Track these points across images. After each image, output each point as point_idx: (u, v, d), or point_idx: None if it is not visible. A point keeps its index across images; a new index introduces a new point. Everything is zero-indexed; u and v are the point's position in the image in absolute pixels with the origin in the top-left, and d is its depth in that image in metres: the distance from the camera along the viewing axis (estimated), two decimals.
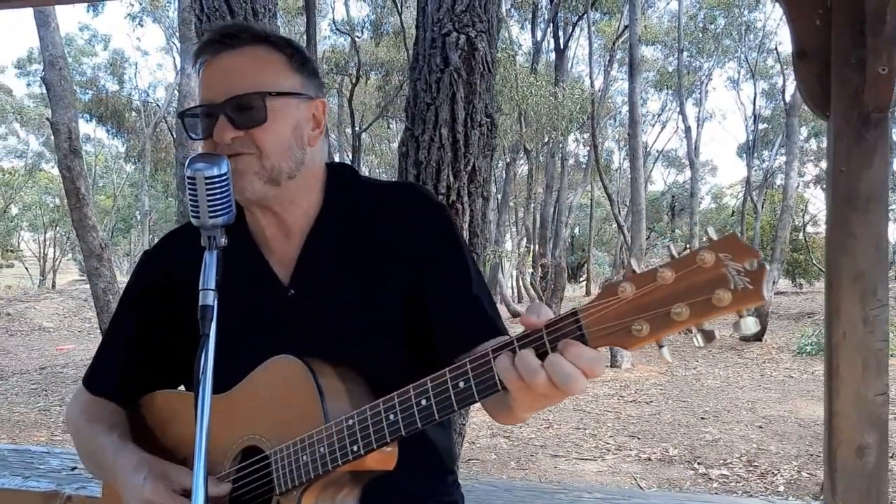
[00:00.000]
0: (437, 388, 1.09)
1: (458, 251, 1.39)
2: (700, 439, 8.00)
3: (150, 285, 1.49)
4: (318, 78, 1.42)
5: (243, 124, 1.27)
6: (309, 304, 1.36)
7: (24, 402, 9.73)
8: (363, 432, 1.15)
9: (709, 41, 24.46)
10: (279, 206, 1.36)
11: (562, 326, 1.00)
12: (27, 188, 37.58)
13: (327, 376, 1.24)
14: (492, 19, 3.96)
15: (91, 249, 12.19)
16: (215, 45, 1.33)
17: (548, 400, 1.04)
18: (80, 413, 1.49)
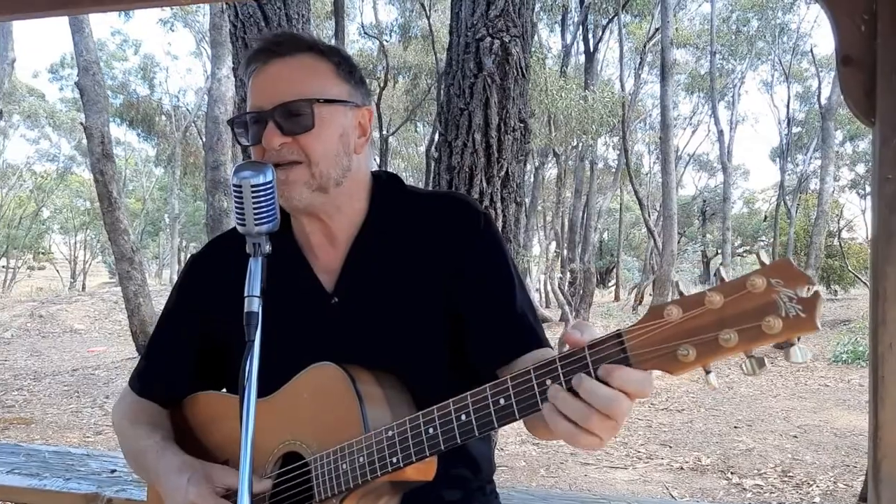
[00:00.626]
0: (478, 405, 1.08)
1: (503, 262, 1.39)
2: (733, 448, 7.87)
3: (196, 291, 1.51)
4: (365, 86, 1.43)
5: (291, 131, 1.28)
6: (352, 312, 1.36)
7: (57, 404, 9.85)
8: (402, 444, 1.15)
9: (742, 43, 24.20)
10: (325, 213, 1.36)
11: (605, 347, 0.98)
12: (59, 191, 38.27)
13: (367, 383, 1.24)
14: (526, 24, 3.93)
15: (122, 253, 12.37)
16: (265, 53, 1.34)
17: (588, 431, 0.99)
18: (125, 414, 1.52)
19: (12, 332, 17.53)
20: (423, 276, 1.36)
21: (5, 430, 8.40)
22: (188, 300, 1.51)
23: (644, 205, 18.60)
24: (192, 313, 1.49)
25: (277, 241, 1.25)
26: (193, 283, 1.52)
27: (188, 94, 31.70)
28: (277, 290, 1.25)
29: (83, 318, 19.48)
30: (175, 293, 1.55)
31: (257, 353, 1.14)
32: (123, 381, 11.07)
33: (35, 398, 10.23)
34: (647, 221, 18.05)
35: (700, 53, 26.82)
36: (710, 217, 36.52)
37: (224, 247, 1.51)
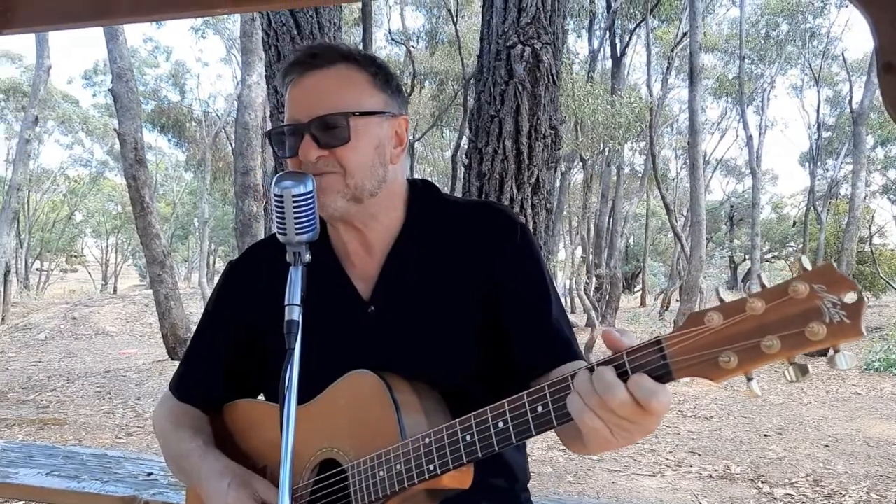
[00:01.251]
0: (515, 412, 1.08)
1: (539, 273, 1.39)
2: (763, 457, 7.78)
3: (235, 297, 1.52)
4: (402, 95, 1.43)
5: (327, 144, 1.30)
6: (388, 321, 1.37)
7: (90, 405, 9.99)
8: (440, 452, 1.15)
9: (771, 48, 23.94)
10: (361, 222, 1.37)
11: (644, 354, 0.98)
12: (91, 195, 38.86)
13: (403, 392, 1.25)
14: (557, 31, 3.94)
15: (154, 256, 12.54)
16: (302, 65, 1.35)
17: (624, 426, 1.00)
18: (167, 418, 1.54)
19: (46, 333, 17.82)
20: (459, 285, 1.36)
21: (40, 430, 8.54)
22: (226, 306, 1.53)
23: (671, 210, 18.45)
24: (230, 320, 1.51)
25: (315, 249, 1.27)
26: (231, 290, 1.54)
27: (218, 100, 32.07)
28: (314, 298, 1.25)
29: (115, 320, 19.75)
30: (213, 299, 1.57)
31: (297, 362, 1.16)
32: (154, 382, 11.22)
33: (68, 399, 10.39)
34: (674, 227, 17.89)
35: (728, 58, 26.59)
36: (738, 222, 36.12)
37: (261, 254, 1.53)
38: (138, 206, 12.26)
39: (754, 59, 24.74)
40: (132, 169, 12.10)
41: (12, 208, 19.61)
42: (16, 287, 24.90)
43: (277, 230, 1.23)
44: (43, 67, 19.06)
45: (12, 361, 14.13)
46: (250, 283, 1.49)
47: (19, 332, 18.01)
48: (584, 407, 1.00)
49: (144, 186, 12.22)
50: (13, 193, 19.34)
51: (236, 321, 1.49)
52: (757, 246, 19.28)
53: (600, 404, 0.98)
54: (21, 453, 2.96)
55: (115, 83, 12.36)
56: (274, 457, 1.36)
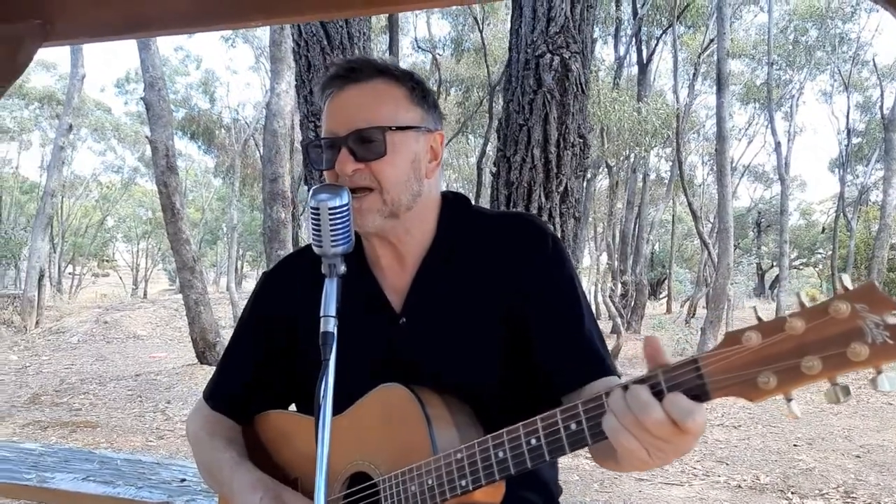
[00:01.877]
0: (548, 429, 1.07)
1: (571, 285, 1.38)
2: (793, 467, 7.68)
3: (269, 307, 1.53)
4: (438, 110, 1.44)
5: (364, 157, 1.30)
6: (419, 333, 1.37)
7: (121, 408, 10.13)
8: (472, 467, 1.14)
9: (800, 53, 23.66)
10: (395, 236, 1.38)
11: (681, 374, 0.97)
12: (123, 201, 39.41)
13: (435, 405, 1.24)
14: (585, 40, 3.95)
15: (184, 262, 12.70)
16: (340, 79, 1.36)
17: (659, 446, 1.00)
18: (200, 427, 1.54)
19: (79, 337, 18.08)
20: (490, 298, 1.36)
21: (73, 432, 8.68)
22: (260, 317, 1.54)
23: (698, 216, 18.27)
24: (264, 330, 1.52)
25: (349, 261, 1.28)
26: (265, 300, 1.55)
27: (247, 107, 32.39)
28: (347, 309, 1.26)
29: (145, 324, 19.99)
30: (248, 309, 1.58)
31: (332, 374, 1.16)
32: (184, 386, 11.35)
33: (100, 402, 10.54)
34: (701, 233, 17.72)
35: (756, 64, 26.31)
36: (766, 229, 35.68)
37: (295, 265, 1.53)
38: (169, 212, 12.43)
39: (782, 65, 24.45)
40: (163, 176, 12.27)
41: (46, 214, 19.97)
42: (49, 291, 25.30)
43: (313, 242, 1.25)
44: (77, 76, 19.42)
45: (46, 364, 14.36)
46: (285, 293, 1.50)
47: (53, 335, 18.30)
48: (619, 426, 1.00)
49: (175, 193, 12.38)
50: (47, 199, 19.71)
51: (270, 332, 1.51)
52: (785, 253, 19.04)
53: (636, 424, 0.98)
54: (57, 458, 3.02)
55: (147, 92, 12.55)
56: (305, 469, 1.38)
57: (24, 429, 8.80)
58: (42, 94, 31.99)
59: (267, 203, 11.60)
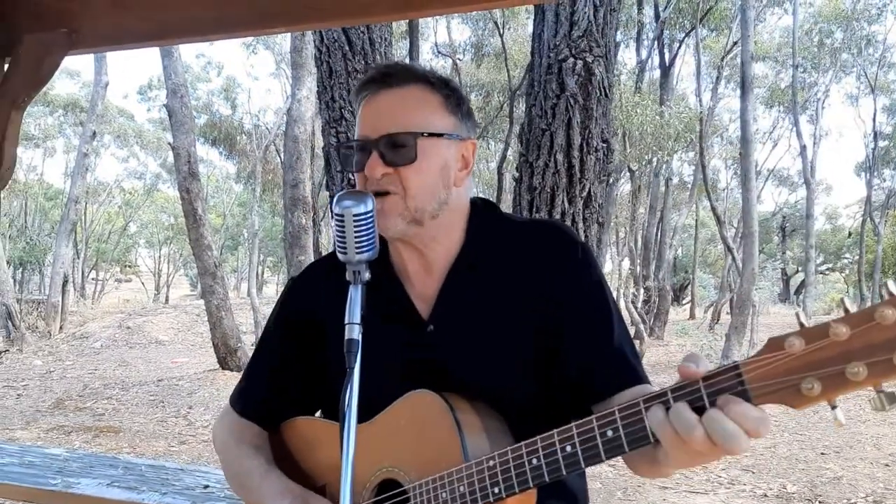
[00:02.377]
0: (584, 436, 1.06)
1: (600, 293, 1.36)
2: (821, 476, 7.56)
3: (295, 314, 1.53)
4: (472, 119, 1.43)
5: (393, 162, 1.30)
6: (447, 341, 1.36)
7: (144, 413, 10.20)
8: (505, 475, 1.13)
9: (825, 56, 23.42)
10: (421, 243, 1.37)
11: (722, 380, 0.95)
12: (145, 207, 39.88)
13: (465, 412, 1.23)
14: (609, 44, 3.92)
15: (206, 267, 12.78)
16: (376, 83, 1.36)
17: (702, 458, 1.00)
18: (228, 433, 1.55)
19: (102, 342, 18.27)
20: (519, 306, 1.34)
21: (96, 437, 8.74)
22: (286, 324, 1.54)
23: (722, 221, 18.10)
24: (290, 337, 1.51)
25: (375, 268, 1.27)
26: (291, 307, 1.54)
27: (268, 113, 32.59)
28: (374, 316, 1.26)
29: (167, 329, 20.16)
30: (274, 316, 1.57)
31: (357, 382, 1.16)
32: (206, 391, 11.41)
33: (123, 407, 10.62)
34: (725, 238, 17.55)
35: (780, 67, 26.08)
36: (790, 233, 35.34)
37: (321, 272, 1.53)
38: (191, 218, 12.52)
39: (807, 68, 24.22)
40: (185, 181, 12.37)
41: (70, 220, 20.22)
42: (73, 296, 25.60)
43: (337, 249, 1.24)
44: (101, 84, 19.66)
45: (70, 369, 14.52)
46: (311, 300, 1.50)
47: (76, 340, 18.51)
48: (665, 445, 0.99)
49: (197, 199, 12.47)
50: (71, 205, 19.96)
51: (297, 338, 1.50)
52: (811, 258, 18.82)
53: (678, 443, 0.97)
54: (82, 463, 3.04)
55: (169, 98, 12.67)
56: (333, 476, 1.37)
57: (49, 433, 8.89)
58: (66, 102, 32.45)
59: (288, 208, 11.64)
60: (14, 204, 32.99)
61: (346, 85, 4.51)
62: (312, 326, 1.47)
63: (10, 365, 14.47)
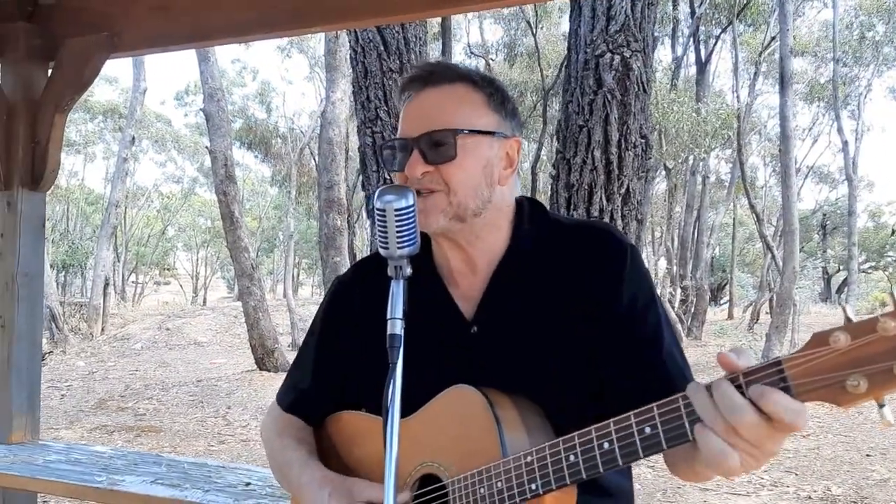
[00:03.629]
0: (621, 433, 1.05)
1: (649, 297, 1.34)
2: (866, 478, 7.38)
3: (341, 312, 1.54)
4: (517, 118, 1.42)
5: (433, 160, 1.30)
6: (491, 342, 1.35)
7: (184, 413, 10.35)
8: (542, 471, 1.12)
9: (866, 49, 22.91)
10: (465, 240, 1.37)
11: (763, 375, 0.92)
12: (183, 211, 40.50)
13: (505, 408, 1.23)
14: (647, 38, 3.87)
15: (243, 269, 12.93)
16: (419, 81, 1.36)
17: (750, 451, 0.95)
18: (272, 428, 1.58)
19: (142, 343, 18.59)
20: (565, 309, 1.33)
21: (138, 437, 8.90)
22: (332, 321, 1.55)
23: (761, 219, 17.80)
24: (336, 334, 1.53)
25: (418, 267, 1.27)
26: (337, 305, 1.55)
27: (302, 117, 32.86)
28: (417, 315, 1.25)
29: (206, 331, 20.43)
30: (320, 313, 1.59)
31: (400, 376, 1.16)
32: (244, 392, 11.54)
33: (164, 407, 10.79)
34: (764, 237, 17.26)
35: (819, 62, 25.59)
36: (831, 231, 34.65)
37: (367, 270, 1.53)
38: (228, 221, 12.67)
39: (848, 62, 23.72)
40: (222, 185, 12.52)
41: (111, 224, 20.61)
42: (114, 299, 26.08)
43: (379, 244, 1.24)
44: (139, 90, 20.02)
45: (111, 370, 14.79)
46: (356, 298, 1.51)
47: (118, 342, 18.85)
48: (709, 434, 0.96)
49: (234, 201, 12.62)
50: (111, 210, 20.34)
51: (342, 336, 1.51)
52: (854, 256, 18.42)
53: (727, 429, 0.94)
54: (127, 461, 3.08)
55: (206, 102, 12.84)
56: (376, 469, 1.35)
57: (92, 433, 9.06)
58: (105, 108, 33.11)
59: (323, 210, 11.73)
60: (57, 209, 33.71)
61: (382, 85, 4.52)
62: (357, 324, 1.47)
63: (54, 366, 14.78)
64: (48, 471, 2.90)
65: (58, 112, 3.39)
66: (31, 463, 3.01)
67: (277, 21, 3.09)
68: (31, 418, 3.44)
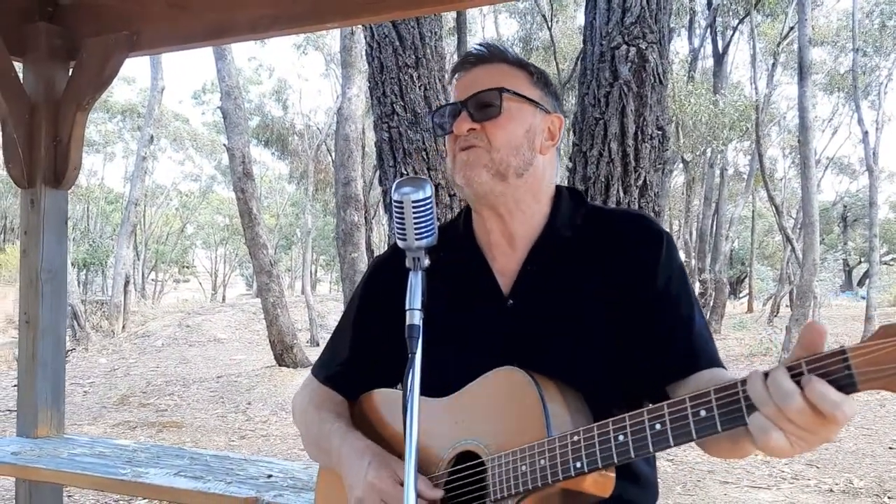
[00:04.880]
0: (675, 415, 1.06)
1: (683, 281, 1.39)
2: (889, 471, 7.32)
3: (379, 290, 1.57)
4: (559, 99, 1.49)
5: (480, 118, 1.36)
6: (526, 316, 1.38)
7: (204, 409, 10.43)
8: (588, 450, 1.13)
9: (887, 38, 22.60)
10: (505, 207, 1.40)
11: (827, 364, 0.93)
12: (201, 209, 40.77)
13: (550, 389, 1.24)
14: (663, 30, 3.85)
15: (262, 266, 12.99)
16: (469, 61, 1.44)
17: (802, 436, 0.97)
18: (308, 400, 1.60)
19: (163, 340, 18.75)
20: (601, 288, 1.37)
21: (160, 432, 8.98)
22: (371, 298, 1.58)
23: (780, 211, 17.64)
24: (374, 312, 1.56)
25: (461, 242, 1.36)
26: (375, 283, 1.59)
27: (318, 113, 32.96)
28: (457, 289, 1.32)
29: (225, 327, 20.57)
30: (359, 290, 1.63)
31: (419, 367, 1.19)
32: (263, 388, 11.61)
33: (185, 403, 10.89)
34: (784, 229, 17.10)
35: (838, 51, 25.29)
36: (852, 223, 34.30)
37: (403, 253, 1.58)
38: (246, 218, 12.73)
39: (868, 51, 23.41)
40: (240, 182, 12.59)
41: (131, 222, 20.78)
42: (134, 297, 26.32)
43: (397, 236, 1.27)
44: (157, 89, 20.15)
45: (133, 367, 14.93)
46: (394, 279, 1.51)
47: (139, 339, 19.02)
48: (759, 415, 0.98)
49: (252, 198, 12.68)
50: (131, 208, 20.51)
51: (380, 314, 1.53)
52: (875, 248, 18.20)
53: (777, 414, 0.95)
54: (150, 454, 3.12)
55: (224, 100, 12.90)
56: None
57: (115, 428, 9.16)
58: (124, 108, 33.36)
59: (340, 207, 11.76)
60: (77, 208, 34.05)
61: (397, 80, 4.53)
62: (391, 304, 1.48)
63: (77, 363, 14.95)
64: (73, 464, 2.94)
65: (79, 111, 3.44)
66: (57, 456, 3.05)
67: (294, 17, 3.11)
68: (56, 413, 3.49)
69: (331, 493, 1.51)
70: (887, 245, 34.08)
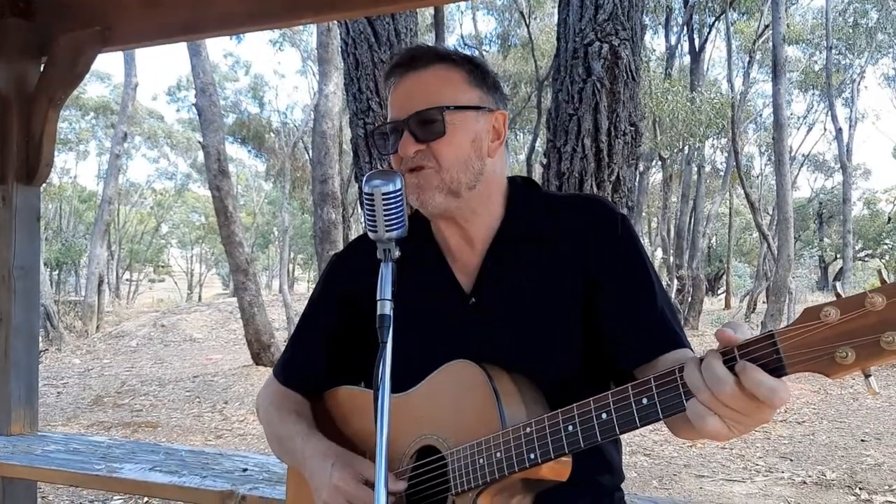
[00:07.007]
0: (619, 403, 1.08)
1: (641, 262, 1.39)
2: (861, 463, 7.44)
3: (338, 287, 1.57)
4: (500, 91, 1.46)
5: (424, 138, 1.35)
6: (489, 313, 1.40)
7: (180, 409, 10.35)
8: (540, 441, 1.16)
9: (860, 36, 22.90)
10: (462, 217, 1.41)
11: (757, 348, 0.96)
12: (176, 207, 40.39)
13: (503, 381, 1.26)
14: (635, 27, 3.89)
15: (238, 264, 12.91)
16: (401, 67, 1.41)
17: (737, 419, 0.99)
18: (269, 401, 1.60)
19: (137, 340, 18.57)
20: (561, 278, 1.37)
21: (135, 432, 8.90)
22: (330, 296, 1.59)
23: (756, 208, 17.83)
24: (334, 309, 1.56)
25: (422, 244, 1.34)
26: (335, 280, 1.59)
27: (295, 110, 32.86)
28: (419, 289, 1.31)
29: (201, 327, 20.41)
30: (318, 289, 1.63)
31: (390, 356, 1.19)
32: (240, 387, 11.54)
33: (160, 403, 10.80)
34: (759, 226, 17.30)
35: (813, 49, 25.58)
36: (828, 220, 34.73)
37: (364, 247, 1.54)
38: (222, 216, 12.63)
39: (842, 49, 23.71)
40: (216, 180, 12.48)
41: (104, 221, 20.57)
42: (108, 297, 26.06)
43: (368, 228, 1.27)
44: (130, 85, 19.95)
45: (107, 367, 14.78)
46: (354, 274, 1.53)
47: (113, 339, 18.83)
48: (695, 401, 1.00)
49: (228, 196, 12.59)
50: (105, 207, 20.30)
51: (339, 311, 1.54)
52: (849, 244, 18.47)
53: (712, 400, 0.98)
54: (125, 450, 3.11)
55: (198, 97, 12.79)
56: (372, 444, 1.41)
57: (89, 429, 9.07)
58: (97, 105, 32.95)
59: (317, 205, 11.72)
60: (49, 207, 33.58)
61: (373, 76, 4.53)
62: (355, 299, 1.50)
63: (50, 364, 14.77)
64: (48, 460, 2.92)
65: (51, 106, 3.41)
66: (31, 453, 3.03)
67: (269, 13, 3.11)
68: (30, 410, 3.46)
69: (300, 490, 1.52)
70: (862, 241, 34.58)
